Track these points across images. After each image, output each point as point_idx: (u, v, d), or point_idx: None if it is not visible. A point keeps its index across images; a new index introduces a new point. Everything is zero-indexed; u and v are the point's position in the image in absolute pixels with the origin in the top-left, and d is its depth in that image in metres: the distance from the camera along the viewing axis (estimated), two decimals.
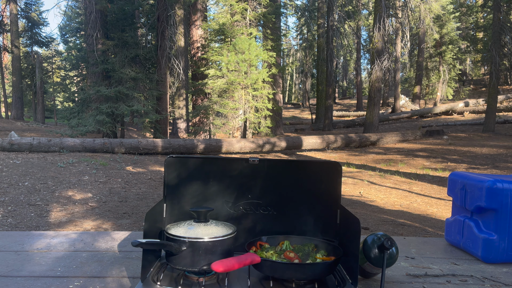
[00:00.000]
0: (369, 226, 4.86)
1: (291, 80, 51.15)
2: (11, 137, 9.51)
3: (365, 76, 41.13)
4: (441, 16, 22.15)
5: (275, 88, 16.63)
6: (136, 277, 1.23)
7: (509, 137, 13.33)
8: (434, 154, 10.97)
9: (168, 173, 1.36)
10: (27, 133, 13.81)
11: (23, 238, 1.61)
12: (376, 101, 15.38)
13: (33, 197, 5.97)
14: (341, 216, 1.34)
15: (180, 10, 14.95)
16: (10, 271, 1.26)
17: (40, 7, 32.39)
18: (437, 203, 6.13)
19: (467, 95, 26.04)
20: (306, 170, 1.38)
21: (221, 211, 1.39)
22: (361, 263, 1.19)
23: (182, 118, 17.01)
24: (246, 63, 12.81)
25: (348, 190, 7.10)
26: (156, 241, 1.11)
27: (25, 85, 23.80)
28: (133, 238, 1.64)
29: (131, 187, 7.03)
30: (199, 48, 16.67)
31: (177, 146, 10.82)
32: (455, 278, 1.29)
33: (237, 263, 1.06)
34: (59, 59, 27.73)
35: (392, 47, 23.11)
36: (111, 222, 4.94)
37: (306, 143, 12.24)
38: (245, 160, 1.36)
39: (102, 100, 12.96)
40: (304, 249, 1.24)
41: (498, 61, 14.22)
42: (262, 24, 16.51)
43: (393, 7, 16.45)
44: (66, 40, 27.47)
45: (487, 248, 1.43)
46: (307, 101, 36.80)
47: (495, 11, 14.64)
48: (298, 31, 40.73)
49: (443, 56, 24.94)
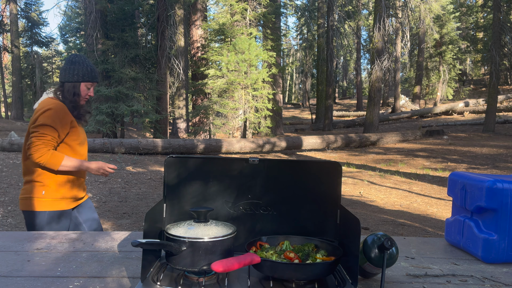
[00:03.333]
0: (369, 226, 4.86)
1: (291, 80, 51.16)
2: (11, 137, 9.51)
3: (365, 76, 41.14)
4: (441, 16, 22.15)
5: (275, 88, 16.64)
6: (136, 277, 1.23)
7: (509, 137, 13.33)
8: (434, 154, 10.97)
9: (168, 173, 1.36)
10: None
11: (23, 238, 1.61)
12: (376, 101, 15.38)
13: None
14: (341, 216, 1.34)
15: (180, 10, 14.95)
16: (10, 271, 1.26)
17: (40, 7, 32.44)
18: (437, 203, 6.13)
19: (467, 95, 26.04)
20: (306, 170, 1.38)
21: (221, 211, 1.39)
22: (361, 263, 1.19)
23: (182, 118, 17.01)
24: (246, 63, 12.81)
25: (348, 190, 7.10)
26: (156, 241, 1.11)
27: (25, 85, 23.81)
28: (133, 238, 1.64)
29: (131, 187, 7.03)
30: (199, 48, 16.67)
31: (177, 146, 10.83)
32: (455, 278, 1.29)
33: (237, 263, 1.06)
34: (59, 59, 27.74)
35: (392, 47, 23.11)
36: (111, 222, 4.94)
37: (306, 143, 12.24)
38: (245, 160, 1.36)
39: (102, 100, 12.96)
40: (304, 249, 1.24)
41: (498, 61, 14.22)
42: (262, 24, 16.51)
43: (393, 7, 16.46)
44: (66, 40, 27.49)
45: (487, 248, 1.43)
46: (307, 101, 36.81)
47: (495, 11, 14.64)
48: (298, 31, 40.74)
49: (443, 56, 24.95)
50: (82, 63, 2.26)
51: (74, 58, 2.27)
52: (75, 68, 2.24)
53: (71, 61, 2.26)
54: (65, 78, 2.25)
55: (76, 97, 2.26)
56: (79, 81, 2.24)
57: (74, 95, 2.24)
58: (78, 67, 2.25)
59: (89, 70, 2.27)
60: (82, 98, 2.29)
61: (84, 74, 2.25)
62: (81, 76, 2.24)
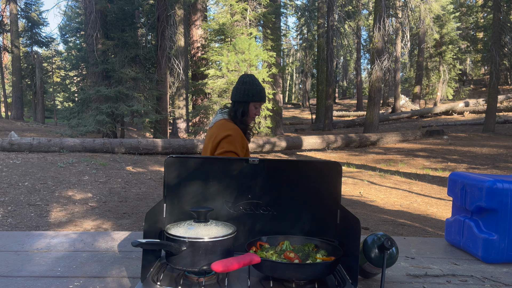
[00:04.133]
0: (369, 226, 4.86)
1: (291, 80, 51.16)
2: (11, 137, 9.51)
3: (365, 76, 41.11)
4: (441, 16, 22.14)
5: (275, 88, 16.63)
6: (136, 277, 1.23)
7: (509, 137, 13.33)
8: (434, 154, 10.97)
9: (168, 173, 1.36)
10: (27, 133, 13.81)
11: (23, 238, 1.61)
12: (376, 101, 15.38)
13: (33, 197, 5.97)
14: (341, 216, 1.34)
15: (180, 10, 14.95)
16: (10, 271, 1.26)
17: (40, 7, 32.42)
18: (437, 203, 6.13)
19: (467, 95, 26.03)
20: (306, 170, 1.38)
21: (221, 211, 1.39)
22: (361, 263, 1.19)
23: (182, 118, 17.01)
24: (246, 63, 12.81)
25: (348, 190, 7.10)
26: (156, 241, 1.11)
27: (25, 85, 23.80)
28: (133, 238, 1.64)
29: (131, 187, 7.03)
30: (199, 48, 16.67)
31: (177, 146, 10.83)
32: (455, 278, 1.29)
33: (237, 263, 1.06)
34: (59, 59, 27.73)
35: (392, 47, 23.11)
36: (111, 222, 4.94)
37: (306, 143, 12.24)
38: (245, 160, 1.36)
39: (102, 100, 12.96)
40: (304, 249, 1.24)
41: (498, 61, 14.22)
42: (262, 24, 16.52)
43: (393, 7, 16.46)
44: (66, 40, 27.46)
45: (487, 248, 1.43)
46: (307, 101, 36.81)
47: (495, 11, 14.64)
48: (298, 31, 40.74)
49: (443, 56, 24.94)
50: (252, 83, 2.35)
51: (245, 79, 2.37)
52: (245, 89, 2.33)
53: (242, 81, 2.36)
54: (236, 98, 2.35)
55: (246, 117, 2.36)
56: (248, 101, 2.34)
57: (243, 114, 2.35)
58: (248, 87, 2.34)
59: (257, 90, 2.35)
60: (250, 117, 2.38)
61: (253, 94, 2.33)
62: (250, 96, 2.33)
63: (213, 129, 2.35)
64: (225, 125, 2.31)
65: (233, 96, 2.38)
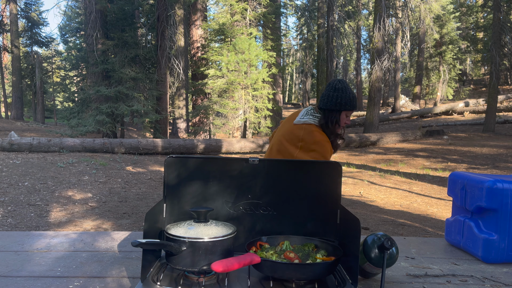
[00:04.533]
0: (369, 226, 4.86)
1: (291, 80, 51.15)
2: (11, 137, 9.51)
3: (365, 76, 41.10)
4: (441, 16, 22.13)
5: (275, 88, 16.64)
6: (136, 277, 1.23)
7: (509, 137, 13.33)
8: (434, 154, 10.97)
9: (168, 173, 1.36)
10: (27, 133, 13.81)
11: (23, 238, 1.61)
12: (376, 101, 15.38)
13: (33, 197, 5.97)
14: (341, 216, 1.34)
15: (180, 10, 14.95)
16: (10, 271, 1.26)
17: (40, 7, 32.40)
18: (437, 203, 6.13)
19: (467, 95, 26.02)
20: (306, 170, 1.38)
21: (221, 211, 1.38)
22: (361, 263, 1.19)
23: (182, 118, 17.01)
24: (246, 63, 12.81)
25: (348, 190, 7.10)
26: (156, 241, 1.11)
27: (25, 85, 23.80)
28: (133, 238, 1.64)
29: (131, 187, 7.03)
30: (199, 48, 16.68)
31: (177, 146, 10.83)
32: (455, 278, 1.29)
33: (237, 263, 1.06)
34: (59, 59, 27.72)
35: (392, 47, 23.09)
36: (111, 222, 4.94)
37: None
38: (245, 160, 1.36)
39: (102, 100, 12.96)
40: (304, 249, 1.24)
41: (498, 61, 14.22)
42: (262, 24, 16.52)
43: (393, 7, 16.45)
44: (66, 40, 27.43)
45: (487, 248, 1.43)
46: (307, 101, 36.82)
47: (495, 11, 14.64)
48: (298, 31, 40.72)
49: (443, 56, 24.94)
50: (344, 90, 2.18)
51: (337, 85, 2.20)
52: (338, 96, 2.17)
53: (334, 87, 2.19)
54: (327, 105, 2.18)
55: (337, 127, 2.21)
56: (341, 110, 2.17)
57: (334, 124, 2.19)
58: (341, 95, 2.17)
59: (350, 98, 2.19)
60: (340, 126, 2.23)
61: (346, 103, 2.17)
62: (343, 105, 2.16)
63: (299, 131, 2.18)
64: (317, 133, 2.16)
65: (323, 103, 2.19)
